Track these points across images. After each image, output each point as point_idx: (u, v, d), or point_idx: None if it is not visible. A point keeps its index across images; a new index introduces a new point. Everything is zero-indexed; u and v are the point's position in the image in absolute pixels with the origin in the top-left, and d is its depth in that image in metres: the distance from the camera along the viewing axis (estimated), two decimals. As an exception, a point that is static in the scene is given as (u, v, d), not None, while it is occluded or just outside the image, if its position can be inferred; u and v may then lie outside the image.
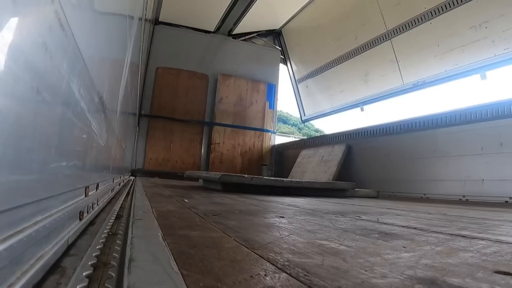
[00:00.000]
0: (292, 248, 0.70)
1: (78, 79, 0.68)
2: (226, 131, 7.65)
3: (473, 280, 0.51)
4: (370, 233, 0.98)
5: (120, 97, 1.92)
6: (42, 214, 0.55)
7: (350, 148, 5.65)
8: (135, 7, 2.00)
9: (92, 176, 1.17)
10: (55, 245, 0.61)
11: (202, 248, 0.65)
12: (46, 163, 0.55)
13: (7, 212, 0.39)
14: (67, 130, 0.67)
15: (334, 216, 1.45)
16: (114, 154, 2.12)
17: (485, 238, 0.97)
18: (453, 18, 4.59)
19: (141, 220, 0.95)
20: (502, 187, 3.43)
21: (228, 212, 1.39)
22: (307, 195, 3.39)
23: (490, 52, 4.26)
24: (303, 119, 8.76)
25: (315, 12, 7.12)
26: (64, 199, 0.73)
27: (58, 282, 0.53)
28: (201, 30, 7.76)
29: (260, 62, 8.22)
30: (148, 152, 7.07)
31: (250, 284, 0.45)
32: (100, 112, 1.13)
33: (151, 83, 7.18)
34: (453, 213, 1.91)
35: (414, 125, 4.59)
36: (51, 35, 0.48)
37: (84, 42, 0.70)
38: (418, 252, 0.72)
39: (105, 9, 0.99)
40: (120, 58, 1.59)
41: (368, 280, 0.49)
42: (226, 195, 2.58)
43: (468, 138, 3.84)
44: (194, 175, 4.33)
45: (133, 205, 1.35)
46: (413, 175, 4.45)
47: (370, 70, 6.25)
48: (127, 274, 0.45)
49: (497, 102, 3.65)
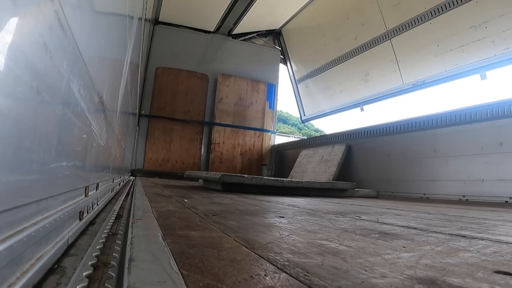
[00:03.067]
0: (292, 248, 0.70)
1: (78, 79, 0.68)
2: (226, 131, 7.65)
3: (473, 280, 0.51)
4: (370, 233, 0.98)
5: (120, 97, 1.92)
6: (42, 214, 0.55)
7: (350, 148, 5.66)
8: (135, 7, 2.00)
9: (92, 176, 1.17)
10: (55, 245, 0.61)
11: (202, 248, 0.65)
12: (46, 163, 0.55)
13: (7, 212, 0.39)
14: (67, 130, 0.67)
15: (334, 216, 1.45)
16: (114, 154, 2.12)
17: (485, 238, 0.97)
18: (453, 18, 4.59)
19: (141, 220, 0.95)
20: (502, 187, 3.43)
21: (228, 212, 1.39)
22: (307, 195, 3.39)
23: (490, 52, 4.26)
24: (303, 119, 8.77)
25: (315, 12, 7.12)
26: (64, 199, 0.73)
27: (58, 282, 0.53)
28: (201, 30, 7.76)
29: (260, 62, 8.22)
30: (148, 152, 7.07)
31: (250, 284, 0.45)
32: (100, 112, 1.13)
33: (151, 83, 7.18)
34: (453, 213, 1.91)
35: (414, 125, 4.59)
36: (51, 35, 0.48)
37: (84, 42, 0.70)
38: (418, 252, 0.72)
39: (105, 9, 0.99)
40: (120, 58, 1.59)
41: (368, 280, 0.49)
42: (226, 195, 2.58)
43: (468, 138, 3.84)
44: (194, 175, 4.32)
45: (133, 205, 1.35)
46: (413, 175, 4.45)
47: (370, 70, 6.25)
48: (127, 274, 0.45)
49: (497, 102, 3.65)
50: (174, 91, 7.34)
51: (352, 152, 5.62)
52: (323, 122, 36.40)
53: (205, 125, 7.56)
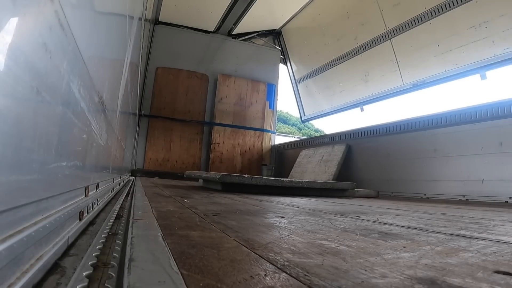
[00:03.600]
0: (292, 248, 0.70)
1: (78, 79, 0.68)
2: (226, 131, 7.65)
3: (473, 280, 0.51)
4: (370, 233, 0.98)
5: (120, 97, 1.92)
6: (42, 214, 0.55)
7: (350, 148, 5.65)
8: (135, 7, 2.00)
9: (92, 176, 1.17)
10: (55, 245, 0.61)
11: (202, 248, 0.65)
12: (46, 163, 0.55)
13: (7, 212, 0.39)
14: (67, 130, 0.67)
15: (334, 216, 1.45)
16: (114, 154, 2.12)
17: (485, 238, 0.97)
18: (453, 18, 4.59)
19: (141, 220, 0.95)
20: (502, 187, 3.43)
21: (228, 212, 1.39)
22: (307, 195, 3.39)
23: (490, 52, 4.26)
24: (303, 119, 8.77)
25: (315, 12, 7.12)
26: (64, 199, 0.73)
27: (58, 282, 0.53)
28: (201, 30, 7.76)
29: (260, 62, 8.22)
30: (148, 152, 7.07)
31: (250, 284, 0.45)
32: (100, 112, 1.13)
33: (151, 83, 7.18)
34: (453, 213, 1.91)
35: (414, 125, 4.59)
36: (51, 35, 0.48)
37: (84, 42, 0.70)
38: (418, 252, 0.72)
39: (105, 9, 0.99)
40: (120, 58, 1.59)
41: (368, 280, 0.49)
42: (226, 195, 2.58)
43: (468, 138, 3.84)
44: (194, 175, 4.32)
45: (133, 205, 1.35)
46: (413, 175, 4.45)
47: (370, 70, 6.25)
48: (127, 274, 0.45)
49: (497, 102, 3.65)
50: (174, 91, 7.34)
51: (352, 152, 5.62)
52: (323, 122, 36.49)
53: (205, 125, 7.56)
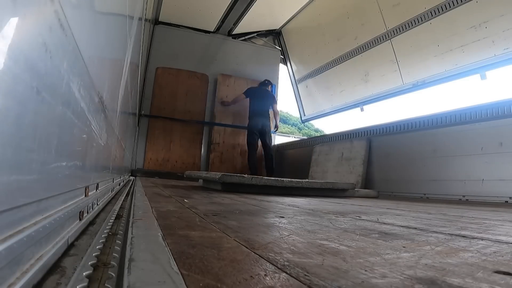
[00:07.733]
0: (292, 248, 0.70)
1: (78, 79, 0.68)
2: (226, 131, 7.65)
3: (473, 280, 0.51)
4: (370, 233, 0.98)
5: (120, 97, 1.92)
6: (42, 214, 0.55)
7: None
8: (135, 7, 2.00)
9: (92, 176, 1.17)
10: (55, 245, 0.61)
11: (202, 248, 0.65)
12: (46, 163, 0.55)
13: (7, 212, 0.39)
14: (67, 130, 0.67)
15: (334, 216, 1.45)
16: (114, 154, 2.12)
17: (485, 238, 0.97)
18: (453, 18, 4.59)
19: (141, 220, 0.95)
20: (502, 187, 3.43)
21: (228, 212, 1.39)
22: (307, 195, 3.39)
23: (490, 52, 4.26)
24: (303, 119, 8.77)
25: (315, 12, 7.12)
26: (64, 199, 0.73)
27: (58, 282, 0.53)
28: (201, 30, 7.75)
29: (260, 62, 8.21)
30: (148, 152, 7.06)
31: (250, 284, 0.45)
32: (100, 112, 1.13)
33: (151, 83, 7.17)
34: (453, 213, 1.91)
35: (414, 125, 4.59)
36: (51, 35, 0.48)
37: (84, 42, 0.70)
38: (418, 252, 0.72)
39: (105, 9, 0.99)
40: (120, 58, 1.59)
41: (368, 280, 0.49)
42: (226, 195, 2.58)
43: (468, 138, 3.84)
44: (194, 175, 4.32)
45: (133, 205, 1.35)
46: (413, 175, 4.45)
47: (370, 70, 6.25)
48: (127, 274, 0.45)
49: (497, 102, 3.65)
50: (174, 91, 7.33)
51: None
52: (323, 122, 36.51)
53: (205, 125, 7.55)
